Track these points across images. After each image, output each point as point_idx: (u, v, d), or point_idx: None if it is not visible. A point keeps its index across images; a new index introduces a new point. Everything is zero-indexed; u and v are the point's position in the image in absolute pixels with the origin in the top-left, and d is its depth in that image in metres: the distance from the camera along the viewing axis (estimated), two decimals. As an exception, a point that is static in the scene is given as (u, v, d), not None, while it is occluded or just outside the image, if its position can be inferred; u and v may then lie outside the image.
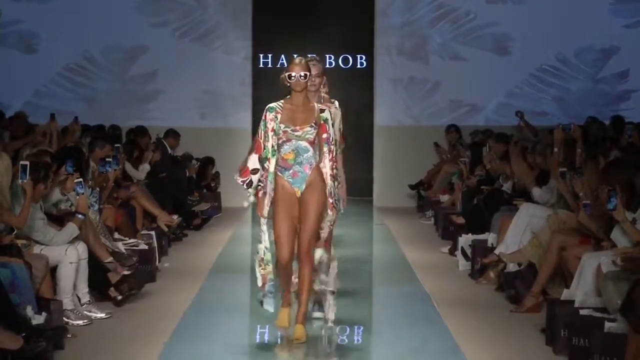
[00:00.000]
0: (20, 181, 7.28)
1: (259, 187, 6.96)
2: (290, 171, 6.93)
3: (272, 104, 6.97)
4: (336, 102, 7.63)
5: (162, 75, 15.77)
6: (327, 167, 6.97)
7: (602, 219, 7.60)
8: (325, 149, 6.96)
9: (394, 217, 14.40)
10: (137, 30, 15.65)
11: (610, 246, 7.31)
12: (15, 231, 7.33)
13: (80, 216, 8.02)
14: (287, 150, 6.93)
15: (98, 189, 9.31)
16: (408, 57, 15.87)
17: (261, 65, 16.23)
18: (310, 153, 6.96)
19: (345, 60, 16.17)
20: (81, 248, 7.83)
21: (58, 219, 8.07)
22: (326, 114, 6.96)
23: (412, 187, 15.23)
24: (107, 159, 9.72)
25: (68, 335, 7.07)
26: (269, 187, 6.93)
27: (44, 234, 7.67)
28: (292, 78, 6.90)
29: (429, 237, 12.58)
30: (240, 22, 15.90)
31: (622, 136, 10.96)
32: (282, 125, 6.89)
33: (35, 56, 15.67)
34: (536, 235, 8.56)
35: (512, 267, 8.75)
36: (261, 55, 16.21)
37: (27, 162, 7.32)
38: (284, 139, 6.91)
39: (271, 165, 6.92)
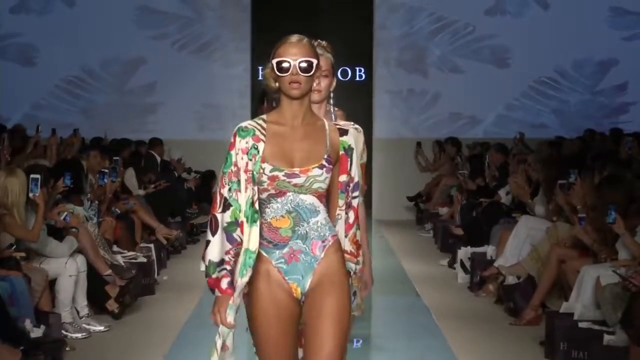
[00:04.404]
0: (32, 195, 7.29)
1: (223, 271, 4.07)
2: (285, 250, 3.84)
3: (245, 123, 3.84)
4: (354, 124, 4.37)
5: (161, 88, 15.78)
6: (344, 237, 3.96)
7: (598, 232, 7.60)
8: (340, 200, 3.94)
9: (393, 229, 14.39)
10: (136, 43, 15.66)
11: (610, 259, 7.31)
12: (15, 245, 7.32)
13: (74, 230, 8.09)
14: (278, 213, 3.82)
15: (97, 201, 9.31)
16: (407, 70, 15.89)
17: (260, 78, 16.21)
18: (322, 218, 3.87)
19: (344, 73, 16.16)
20: (80, 261, 7.84)
21: (57, 231, 8.07)
22: (349, 139, 3.98)
23: (410, 199, 15.23)
24: (104, 171, 9.72)
25: (67, 348, 7.06)
26: (240, 278, 3.98)
27: (45, 245, 7.67)
28: (284, 70, 3.80)
29: (428, 249, 12.57)
30: (239, 35, 15.92)
31: (621, 148, 10.97)
32: (268, 166, 3.77)
33: (34, 69, 15.68)
34: (535, 248, 8.55)
35: (511, 279, 8.74)
36: (260, 68, 16.20)
37: (39, 176, 7.34)
38: (272, 191, 3.80)
39: (248, 236, 3.83)
